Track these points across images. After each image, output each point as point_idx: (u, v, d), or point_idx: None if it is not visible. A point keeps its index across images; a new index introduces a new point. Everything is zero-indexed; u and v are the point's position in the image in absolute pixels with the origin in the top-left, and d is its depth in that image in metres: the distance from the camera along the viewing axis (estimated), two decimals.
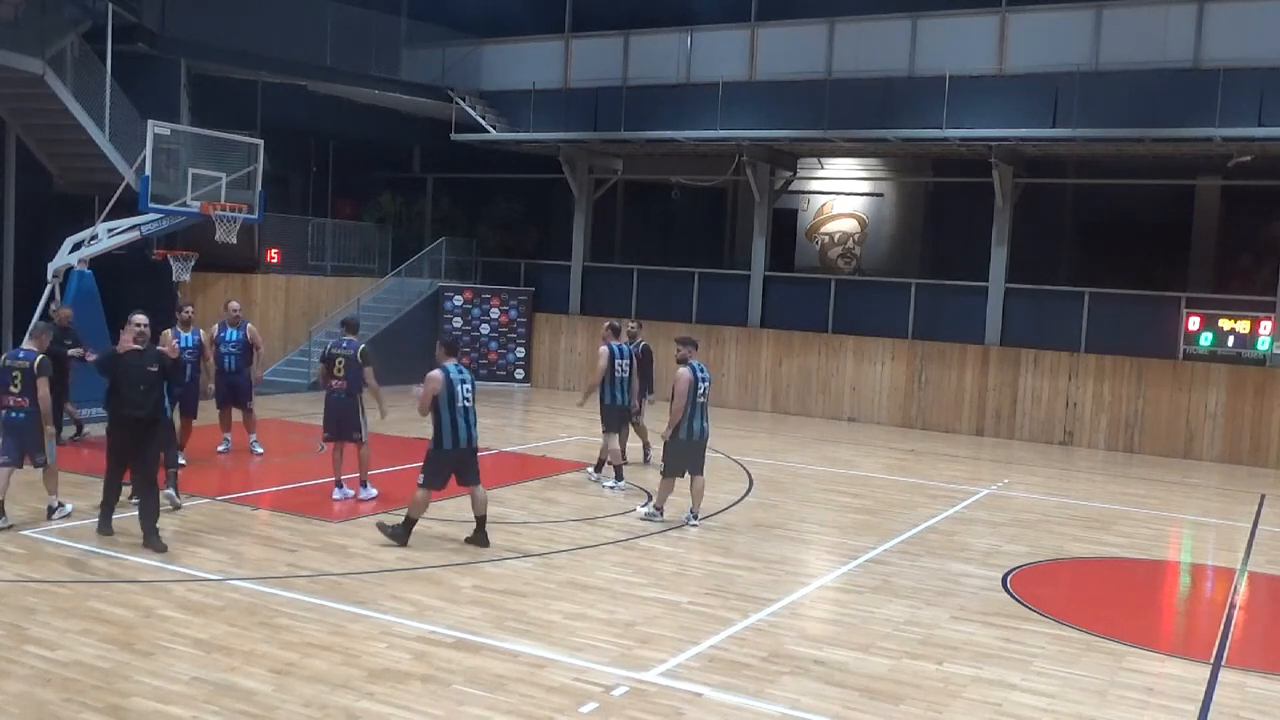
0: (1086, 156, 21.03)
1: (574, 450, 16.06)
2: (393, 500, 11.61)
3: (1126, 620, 9.32)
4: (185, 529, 10.36)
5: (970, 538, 11.82)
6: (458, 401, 9.97)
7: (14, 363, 10.30)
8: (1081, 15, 19.36)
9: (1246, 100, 17.67)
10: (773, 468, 15.72)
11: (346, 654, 7.31)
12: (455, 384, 9.99)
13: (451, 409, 9.95)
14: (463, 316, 23.89)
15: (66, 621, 7.66)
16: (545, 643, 7.72)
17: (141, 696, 6.47)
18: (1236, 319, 18.66)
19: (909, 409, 21.02)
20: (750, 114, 21.48)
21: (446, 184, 27.58)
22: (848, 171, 25.32)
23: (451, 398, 9.95)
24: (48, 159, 19.48)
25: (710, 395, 11.66)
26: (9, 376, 10.19)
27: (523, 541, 10.57)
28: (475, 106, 23.75)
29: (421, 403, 10.02)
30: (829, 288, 22.43)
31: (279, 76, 22.25)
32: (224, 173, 17.14)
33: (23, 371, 10.17)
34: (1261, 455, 18.31)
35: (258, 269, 21.91)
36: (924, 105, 19.88)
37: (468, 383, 10.12)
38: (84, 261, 16.44)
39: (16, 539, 9.71)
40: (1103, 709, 7.10)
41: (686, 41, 22.73)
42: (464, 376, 10.13)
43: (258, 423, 14.65)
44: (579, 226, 24.63)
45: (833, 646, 8.00)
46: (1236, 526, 13.42)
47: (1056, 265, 23.29)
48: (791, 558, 10.70)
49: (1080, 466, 17.67)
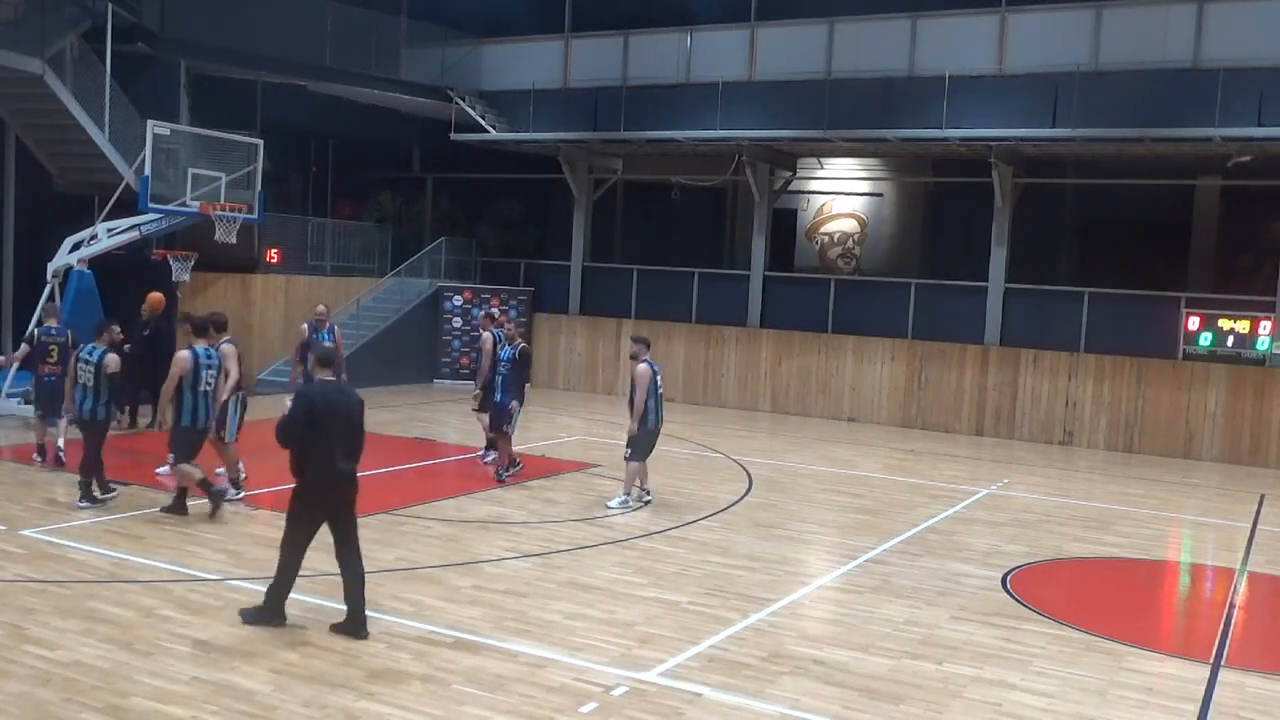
0: (1086, 156, 21.03)
1: (574, 450, 16.05)
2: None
3: (1126, 620, 9.32)
4: (185, 529, 10.35)
5: (970, 538, 11.82)
6: (200, 385, 10.53)
7: (49, 338, 13.08)
8: (1081, 15, 19.37)
9: (1246, 100, 17.67)
10: (772, 468, 15.72)
11: (346, 654, 7.30)
12: (201, 368, 10.54)
13: (194, 391, 10.50)
14: (462, 316, 23.88)
15: (66, 621, 7.66)
16: (545, 643, 7.72)
17: (141, 696, 6.47)
18: (1236, 319, 18.66)
19: (909, 409, 21.02)
20: (750, 114, 21.48)
21: (446, 184, 27.57)
22: (847, 171, 25.32)
23: (196, 380, 10.49)
24: (47, 159, 19.47)
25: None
26: (46, 349, 12.97)
27: (522, 541, 10.56)
28: (475, 106, 23.75)
29: (168, 386, 10.50)
30: (829, 288, 22.44)
31: (279, 76, 22.24)
32: (224, 173, 17.14)
33: (59, 345, 12.88)
34: (1261, 455, 18.31)
35: (257, 269, 21.89)
36: (924, 105, 19.88)
37: (212, 368, 10.66)
38: (83, 261, 16.43)
39: (16, 539, 9.70)
40: (1102, 709, 7.10)
41: (686, 41, 22.74)
42: (211, 361, 10.67)
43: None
44: (579, 226, 24.63)
45: (832, 646, 8.00)
46: (1236, 526, 13.43)
47: (1056, 265, 23.30)
48: (791, 558, 10.70)
49: (1080, 466, 17.67)
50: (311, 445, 7.49)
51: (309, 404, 7.54)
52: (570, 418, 19.64)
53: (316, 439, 7.47)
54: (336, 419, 7.58)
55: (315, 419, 7.48)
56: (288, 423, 7.58)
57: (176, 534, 10.14)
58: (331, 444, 7.53)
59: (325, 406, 7.56)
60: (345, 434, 7.62)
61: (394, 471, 13.23)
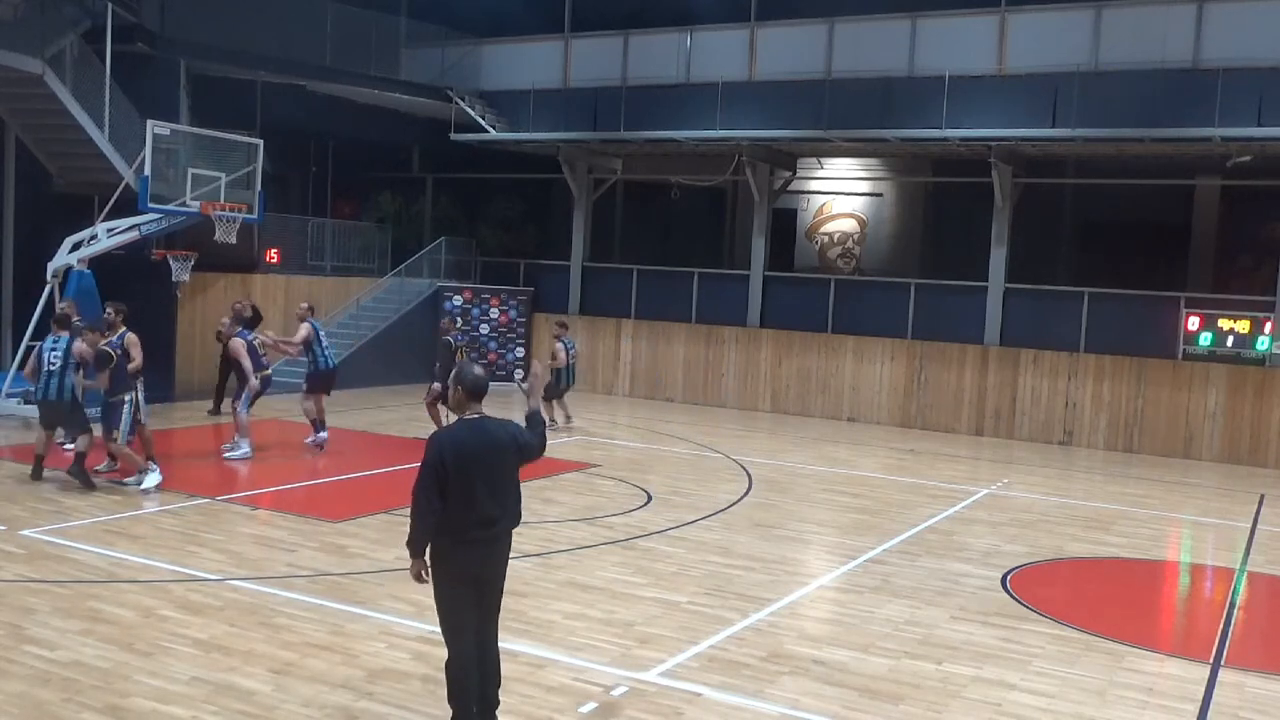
0: (1086, 156, 21.03)
1: (574, 450, 16.05)
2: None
3: (1126, 620, 9.32)
4: (185, 529, 10.36)
5: (970, 538, 11.82)
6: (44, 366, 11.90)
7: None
8: (1081, 15, 19.37)
9: (1246, 100, 17.66)
10: (772, 468, 15.72)
11: (346, 654, 7.31)
12: (44, 350, 11.99)
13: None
14: (462, 316, 23.88)
15: (66, 621, 7.66)
16: (545, 643, 7.72)
17: (141, 696, 6.47)
18: (1236, 319, 18.66)
19: (908, 409, 21.02)
20: (750, 114, 21.49)
21: (446, 184, 27.57)
22: (847, 171, 25.31)
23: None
24: (47, 159, 19.46)
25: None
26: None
27: (522, 541, 10.54)
28: (475, 106, 23.75)
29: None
30: (829, 287, 22.44)
31: (279, 76, 22.24)
32: (223, 173, 17.14)
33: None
34: (1261, 455, 18.32)
35: (257, 269, 21.89)
36: (923, 105, 19.88)
37: (56, 350, 11.98)
38: (83, 261, 16.44)
39: (16, 539, 9.71)
40: (1102, 709, 7.10)
41: (686, 41, 22.74)
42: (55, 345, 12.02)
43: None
44: (578, 226, 24.63)
45: (832, 646, 8.00)
46: (1236, 526, 13.43)
47: (1056, 265, 23.29)
48: (791, 558, 10.70)
49: (1080, 466, 17.67)
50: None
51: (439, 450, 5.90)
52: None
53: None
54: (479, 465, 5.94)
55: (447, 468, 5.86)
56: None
57: (176, 534, 10.14)
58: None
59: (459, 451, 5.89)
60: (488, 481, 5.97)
61: (394, 471, 13.24)
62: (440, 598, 5.97)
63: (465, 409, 6.05)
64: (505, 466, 6.01)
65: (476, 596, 5.98)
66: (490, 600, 6.11)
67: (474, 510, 5.84)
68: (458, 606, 5.93)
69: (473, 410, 6.04)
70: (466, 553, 5.88)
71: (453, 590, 5.91)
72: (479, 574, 5.98)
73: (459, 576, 5.91)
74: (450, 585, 5.91)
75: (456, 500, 5.80)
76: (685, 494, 13.30)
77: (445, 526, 5.83)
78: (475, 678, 6.00)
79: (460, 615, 5.94)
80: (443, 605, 5.97)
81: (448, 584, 5.92)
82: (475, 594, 5.98)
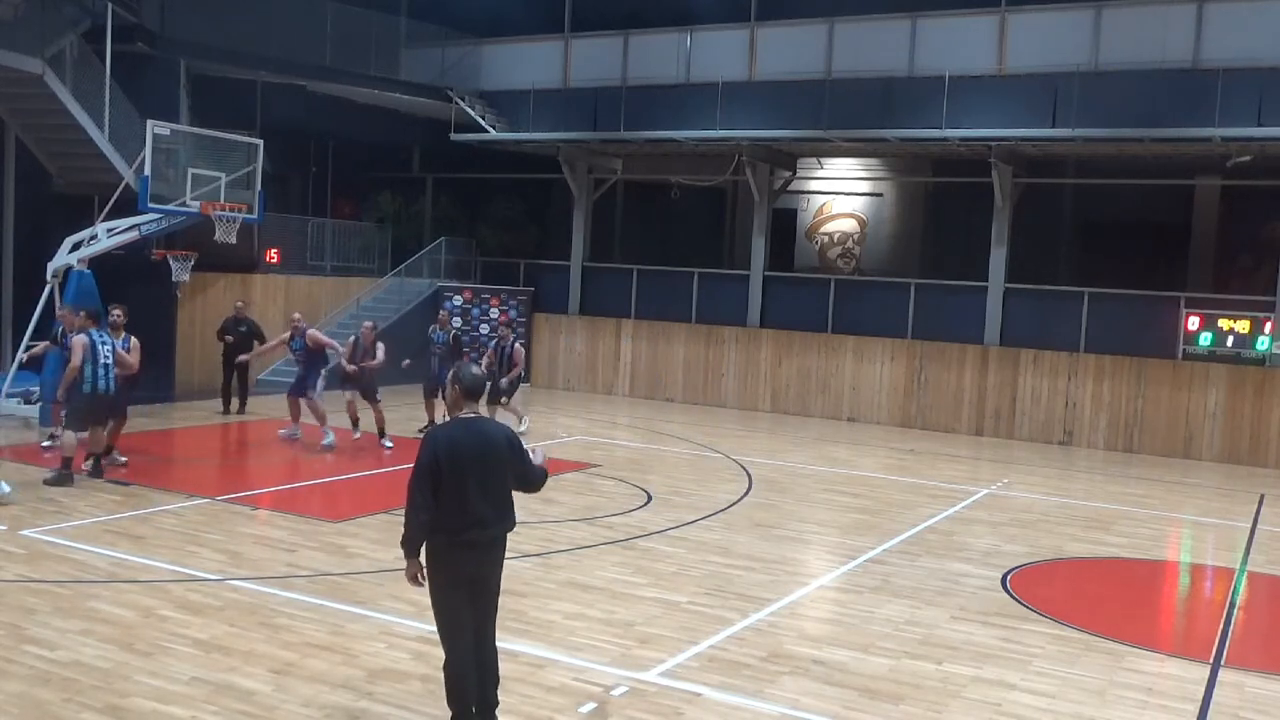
0: (1086, 156, 21.03)
1: (574, 450, 16.05)
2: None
3: (1126, 620, 9.32)
4: (185, 529, 10.36)
5: (970, 538, 11.82)
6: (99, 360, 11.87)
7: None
8: (1081, 15, 19.37)
9: (1246, 100, 17.67)
10: (772, 468, 15.72)
11: (346, 654, 7.30)
12: (97, 345, 11.89)
13: (94, 365, 11.80)
14: (462, 316, 23.88)
15: (66, 621, 7.66)
16: (544, 643, 7.72)
17: (141, 696, 6.47)
18: (1236, 319, 18.67)
19: (908, 409, 21.03)
20: (750, 114, 21.49)
21: (446, 184, 27.57)
22: (847, 171, 25.32)
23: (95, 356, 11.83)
24: (47, 159, 19.46)
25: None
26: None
27: (522, 542, 10.55)
28: (475, 106, 23.75)
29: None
30: (829, 287, 22.44)
31: (278, 76, 22.24)
32: (223, 173, 17.12)
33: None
34: (1261, 455, 18.32)
35: (257, 269, 21.89)
36: (923, 105, 19.88)
37: (107, 344, 12.03)
38: (83, 261, 16.42)
39: (16, 539, 9.71)
40: (1102, 709, 7.10)
41: (686, 41, 22.74)
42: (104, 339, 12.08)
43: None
44: (578, 226, 24.64)
45: (832, 646, 8.00)
46: (1236, 526, 13.43)
47: (1056, 265, 23.29)
48: (791, 558, 10.70)
49: (1080, 466, 17.67)
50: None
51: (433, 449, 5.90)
52: (570, 418, 19.64)
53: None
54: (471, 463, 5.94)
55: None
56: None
57: (176, 534, 10.14)
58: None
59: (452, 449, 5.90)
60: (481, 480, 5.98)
61: (393, 471, 13.24)
62: (436, 599, 5.97)
63: (461, 408, 6.04)
64: (499, 467, 6.01)
65: (471, 596, 5.98)
66: (485, 601, 6.10)
67: (467, 509, 5.84)
68: (453, 607, 5.94)
69: (469, 409, 6.05)
70: (461, 555, 5.90)
71: (448, 592, 5.93)
72: (474, 575, 5.99)
73: (454, 578, 5.92)
74: (445, 587, 5.92)
75: (449, 499, 5.81)
76: (685, 494, 13.30)
77: (439, 526, 5.83)
78: (473, 678, 6.01)
79: (456, 616, 5.94)
80: (439, 607, 5.98)
81: (443, 585, 5.93)
82: (469, 594, 5.98)
